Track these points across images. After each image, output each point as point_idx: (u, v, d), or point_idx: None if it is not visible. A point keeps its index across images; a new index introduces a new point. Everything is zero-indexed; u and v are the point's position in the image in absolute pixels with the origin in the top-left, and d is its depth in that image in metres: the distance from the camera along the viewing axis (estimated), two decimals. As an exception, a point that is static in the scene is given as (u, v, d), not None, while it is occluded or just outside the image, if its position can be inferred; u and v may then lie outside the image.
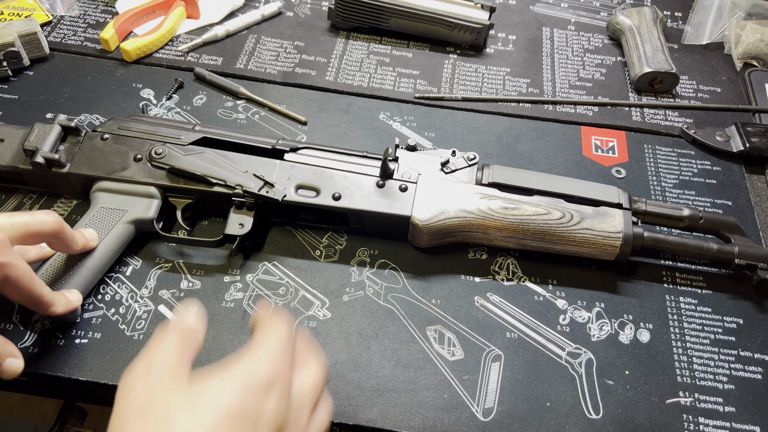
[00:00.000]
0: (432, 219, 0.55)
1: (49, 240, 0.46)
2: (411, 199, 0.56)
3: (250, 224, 0.55)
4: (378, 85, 0.76)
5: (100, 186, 0.56)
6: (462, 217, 0.55)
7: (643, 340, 0.55)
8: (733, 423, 0.50)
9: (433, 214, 0.55)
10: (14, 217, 0.43)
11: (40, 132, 0.57)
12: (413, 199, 0.56)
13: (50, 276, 0.50)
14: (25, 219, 0.44)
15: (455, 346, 0.53)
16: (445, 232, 0.56)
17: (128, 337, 0.52)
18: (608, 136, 0.73)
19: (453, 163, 0.60)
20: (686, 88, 0.80)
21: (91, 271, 0.52)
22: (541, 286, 0.58)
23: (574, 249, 0.56)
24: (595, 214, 0.56)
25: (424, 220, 0.55)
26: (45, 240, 0.46)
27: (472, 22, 0.79)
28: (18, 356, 0.44)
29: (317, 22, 0.84)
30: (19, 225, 0.43)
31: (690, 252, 0.57)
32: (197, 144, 0.59)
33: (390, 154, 0.58)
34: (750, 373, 0.53)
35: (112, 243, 0.54)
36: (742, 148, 0.70)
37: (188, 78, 0.75)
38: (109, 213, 0.55)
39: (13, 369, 0.44)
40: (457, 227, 0.56)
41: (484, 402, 0.50)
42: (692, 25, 0.87)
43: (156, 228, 0.56)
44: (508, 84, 0.78)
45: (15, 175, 0.58)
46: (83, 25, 0.80)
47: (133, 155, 0.57)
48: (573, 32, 0.87)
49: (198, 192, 0.57)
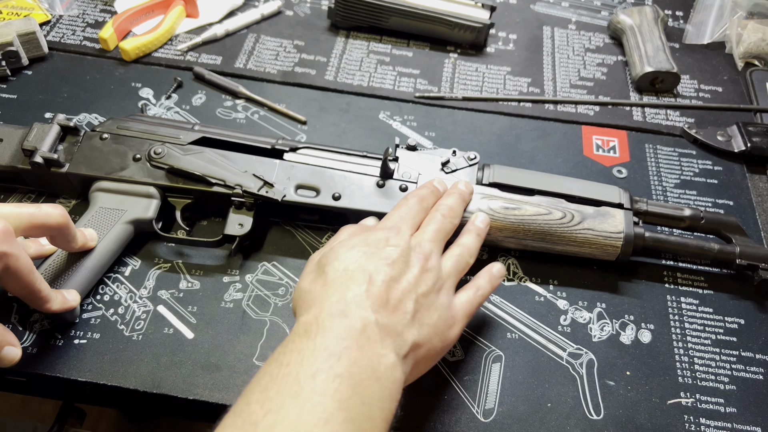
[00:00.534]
0: None
1: (53, 233, 0.46)
2: None
3: (250, 224, 0.55)
4: (378, 85, 0.76)
5: (99, 186, 0.56)
6: (463, 217, 0.55)
7: (645, 340, 0.55)
8: (735, 424, 0.50)
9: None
10: (20, 208, 0.43)
11: (39, 132, 0.56)
12: None
13: (49, 274, 0.50)
14: (32, 210, 0.44)
15: (455, 347, 0.53)
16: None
17: (127, 338, 0.51)
18: (609, 136, 0.72)
19: (453, 163, 0.59)
20: (687, 87, 0.79)
21: (90, 271, 0.52)
22: (541, 286, 0.58)
23: (575, 249, 0.56)
24: (596, 214, 0.56)
25: None
26: (48, 233, 0.46)
27: (473, 21, 0.79)
28: (16, 345, 0.44)
29: (317, 21, 0.84)
30: (24, 216, 0.43)
31: (691, 252, 0.57)
32: (196, 144, 0.58)
33: (390, 154, 0.58)
34: (751, 374, 0.53)
35: (111, 243, 0.53)
36: (744, 147, 0.69)
37: (187, 77, 0.74)
38: (108, 213, 0.54)
39: (10, 357, 0.44)
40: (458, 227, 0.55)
41: (485, 403, 0.50)
42: (693, 24, 0.87)
43: (155, 228, 0.56)
44: (509, 83, 0.78)
45: (14, 175, 0.58)
46: (82, 25, 0.80)
47: (132, 155, 0.57)
48: (574, 31, 0.87)
49: (197, 192, 0.56)
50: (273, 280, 0.56)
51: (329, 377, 0.35)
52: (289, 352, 0.37)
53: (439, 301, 0.44)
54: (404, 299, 0.41)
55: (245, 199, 0.55)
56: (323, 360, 0.36)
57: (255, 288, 0.56)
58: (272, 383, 0.35)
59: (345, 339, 0.37)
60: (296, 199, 0.56)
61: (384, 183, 0.57)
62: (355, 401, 0.35)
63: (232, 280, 0.56)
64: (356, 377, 0.36)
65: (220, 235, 0.55)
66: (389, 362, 0.38)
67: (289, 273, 0.57)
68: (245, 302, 0.55)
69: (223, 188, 0.55)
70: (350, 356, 0.36)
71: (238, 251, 0.57)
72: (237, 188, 0.55)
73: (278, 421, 0.33)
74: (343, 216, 0.58)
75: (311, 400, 0.34)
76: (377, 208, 0.56)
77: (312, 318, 0.39)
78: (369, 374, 0.36)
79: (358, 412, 0.35)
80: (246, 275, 0.56)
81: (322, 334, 0.38)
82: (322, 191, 0.56)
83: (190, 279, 0.56)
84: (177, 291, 0.55)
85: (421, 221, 0.49)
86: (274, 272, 0.57)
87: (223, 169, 0.56)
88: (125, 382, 0.49)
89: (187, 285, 0.55)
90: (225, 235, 0.55)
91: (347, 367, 0.36)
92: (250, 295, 0.55)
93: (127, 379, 0.49)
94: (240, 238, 0.55)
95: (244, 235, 0.55)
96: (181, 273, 0.56)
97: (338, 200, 0.56)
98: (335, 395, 0.34)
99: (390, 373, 0.38)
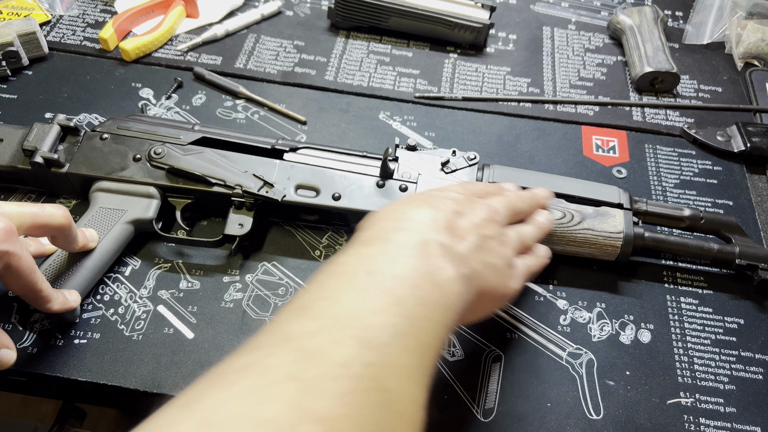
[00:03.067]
0: None
1: (54, 233, 0.46)
2: None
3: (250, 224, 0.55)
4: (378, 85, 0.76)
5: (100, 186, 0.56)
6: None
7: (644, 340, 0.55)
8: (734, 423, 0.50)
9: None
10: (23, 207, 0.43)
11: (39, 132, 0.57)
12: None
13: (50, 274, 0.50)
14: (35, 210, 0.43)
15: (455, 347, 0.53)
16: None
17: (127, 338, 0.51)
18: (609, 136, 0.72)
19: (453, 163, 0.59)
20: (687, 87, 0.79)
21: (90, 271, 0.52)
22: (541, 286, 0.58)
23: (574, 249, 0.56)
24: (595, 214, 0.56)
25: None
26: (50, 233, 0.46)
27: (473, 21, 0.79)
28: (11, 348, 0.44)
29: (317, 21, 0.84)
30: (27, 215, 0.43)
31: (691, 252, 0.57)
32: (196, 144, 0.58)
33: (390, 154, 0.58)
34: (751, 374, 0.53)
35: (111, 243, 0.53)
36: (743, 147, 0.70)
37: (187, 77, 0.74)
38: (108, 213, 0.54)
39: (5, 360, 0.44)
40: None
41: (485, 402, 0.50)
42: (693, 24, 0.87)
43: (155, 228, 0.56)
44: (509, 83, 0.78)
45: (14, 175, 0.58)
46: (82, 25, 0.80)
47: (132, 155, 0.57)
48: (573, 32, 0.87)
49: (197, 192, 0.56)
50: (273, 280, 0.56)
51: (386, 277, 0.35)
52: (346, 255, 0.37)
53: (501, 250, 0.43)
54: (468, 232, 0.41)
55: (245, 199, 0.55)
56: (381, 262, 0.36)
57: (255, 288, 0.56)
58: (328, 278, 0.35)
59: (405, 248, 0.37)
60: (296, 199, 0.56)
61: (384, 183, 0.57)
62: (413, 301, 0.34)
63: (232, 280, 0.56)
64: (414, 280, 0.35)
65: (221, 235, 0.55)
66: (449, 275, 0.37)
67: (289, 273, 0.57)
68: (245, 302, 0.55)
69: (223, 188, 0.56)
70: (409, 263, 0.36)
71: (239, 251, 0.57)
72: (237, 188, 0.55)
73: (331, 306, 0.33)
74: (342, 216, 0.58)
75: (367, 292, 0.34)
76: (377, 208, 0.56)
77: (372, 232, 0.39)
78: (427, 280, 0.36)
79: (414, 311, 0.34)
80: (246, 275, 0.56)
81: (381, 243, 0.38)
82: (322, 191, 0.57)
83: (190, 279, 0.56)
84: (177, 291, 0.55)
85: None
86: (274, 272, 0.57)
87: (223, 169, 0.56)
88: (125, 382, 0.49)
89: (188, 285, 0.55)
90: (225, 235, 0.55)
91: (405, 271, 0.35)
92: (250, 295, 0.55)
93: (128, 378, 0.49)
94: (240, 238, 0.55)
95: (244, 235, 0.55)
96: (181, 273, 0.56)
97: (338, 200, 0.56)
98: (391, 292, 0.34)
99: (450, 285, 0.37)
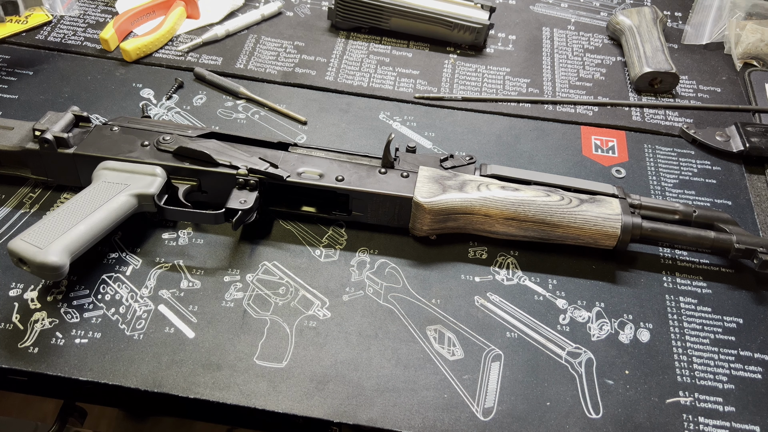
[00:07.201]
0: (435, 199, 0.56)
1: None
2: (413, 183, 0.57)
3: (252, 200, 0.56)
4: (378, 85, 0.76)
5: (105, 165, 0.56)
6: (464, 198, 0.56)
7: (643, 339, 0.55)
8: (733, 423, 0.50)
9: (436, 194, 0.56)
10: None
11: (52, 117, 0.58)
12: (415, 183, 0.57)
13: (47, 226, 0.50)
14: None
15: (455, 346, 0.53)
16: (448, 213, 0.56)
17: (128, 337, 0.52)
18: (608, 136, 0.73)
19: (452, 162, 0.61)
20: (686, 88, 0.80)
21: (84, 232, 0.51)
22: (541, 285, 0.58)
23: (574, 232, 0.56)
24: (592, 200, 0.58)
25: (428, 200, 0.56)
26: None
27: (472, 22, 0.79)
28: None
29: (317, 22, 0.84)
30: None
31: (689, 240, 0.58)
32: (204, 138, 0.60)
33: (392, 139, 0.58)
34: (750, 373, 0.53)
35: (111, 210, 0.53)
36: (742, 147, 0.70)
37: (188, 78, 0.75)
38: (111, 186, 0.54)
39: None
40: (460, 209, 0.56)
41: (484, 402, 0.50)
42: (692, 25, 0.87)
43: (157, 204, 0.55)
44: (508, 84, 0.78)
45: (19, 159, 0.58)
46: (83, 25, 0.80)
47: (140, 142, 0.58)
48: (573, 32, 0.87)
49: (202, 173, 0.57)
50: (273, 280, 0.57)
51: None
52: None
53: None
54: None
55: (250, 177, 0.56)
56: None
57: (255, 287, 0.56)
58: None
59: None
60: (300, 179, 0.57)
61: (386, 171, 0.58)
62: None
63: (232, 279, 0.56)
64: None
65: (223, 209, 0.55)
66: None
67: (289, 272, 0.57)
68: (246, 301, 0.55)
69: (229, 168, 0.56)
70: None
71: (239, 226, 0.56)
72: (242, 168, 0.56)
73: None
74: (343, 204, 0.58)
75: None
76: (380, 189, 0.57)
77: None
78: None
79: None
80: (246, 275, 0.57)
81: None
82: (326, 175, 0.58)
83: (190, 278, 0.56)
84: (178, 290, 0.55)
85: None
86: (275, 272, 0.57)
87: (229, 156, 0.57)
88: (126, 381, 0.49)
89: (188, 284, 0.56)
90: (227, 208, 0.55)
91: None
92: (250, 294, 0.55)
93: (128, 378, 0.49)
94: (242, 213, 0.55)
95: (246, 209, 0.55)
96: (181, 272, 0.56)
97: (341, 182, 0.57)
98: None
99: None
